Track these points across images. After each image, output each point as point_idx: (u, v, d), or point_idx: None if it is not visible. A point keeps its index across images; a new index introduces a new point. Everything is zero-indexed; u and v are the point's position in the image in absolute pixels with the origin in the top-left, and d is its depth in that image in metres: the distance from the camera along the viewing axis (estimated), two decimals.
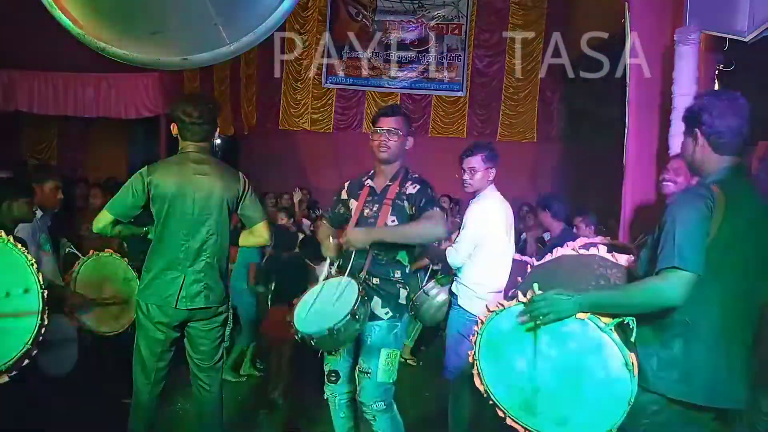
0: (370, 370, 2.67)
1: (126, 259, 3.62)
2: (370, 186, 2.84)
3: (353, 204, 2.88)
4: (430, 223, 2.60)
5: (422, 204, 2.64)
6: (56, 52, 5.78)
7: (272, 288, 4.85)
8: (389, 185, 2.77)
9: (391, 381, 2.71)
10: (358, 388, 2.74)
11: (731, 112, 1.88)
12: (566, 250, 2.19)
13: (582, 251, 2.15)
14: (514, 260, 3.39)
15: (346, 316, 2.42)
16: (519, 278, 2.26)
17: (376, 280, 2.72)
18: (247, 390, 4.63)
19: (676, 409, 1.85)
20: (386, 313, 2.70)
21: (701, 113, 1.91)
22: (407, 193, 2.70)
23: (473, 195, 3.30)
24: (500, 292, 3.23)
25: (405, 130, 2.80)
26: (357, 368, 2.75)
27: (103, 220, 2.81)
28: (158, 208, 2.81)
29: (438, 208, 2.64)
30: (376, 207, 2.75)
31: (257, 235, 2.99)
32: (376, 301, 2.69)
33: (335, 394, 2.86)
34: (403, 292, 2.74)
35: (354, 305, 2.45)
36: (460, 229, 3.28)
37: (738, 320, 1.86)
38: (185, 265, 2.79)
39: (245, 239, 3.08)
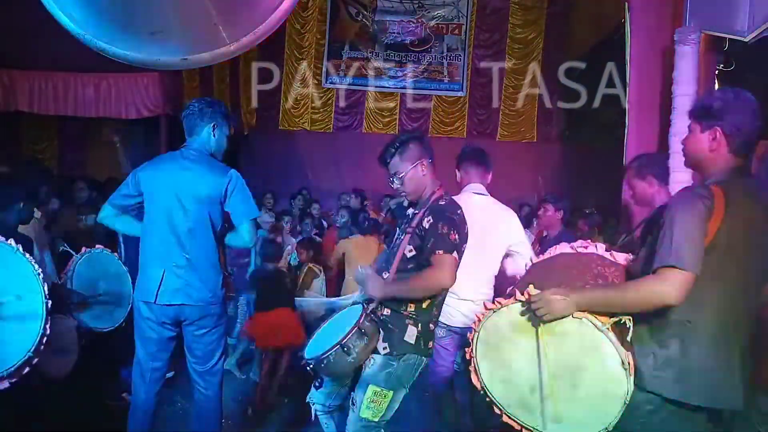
0: (354, 402, 2.51)
1: (117, 254, 3.68)
2: (408, 212, 2.70)
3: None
4: (433, 273, 2.39)
5: (430, 246, 2.41)
6: (56, 52, 5.77)
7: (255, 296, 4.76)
8: (416, 213, 2.59)
9: (376, 420, 2.48)
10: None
11: (752, 112, 1.85)
12: (564, 248, 2.19)
13: (580, 250, 2.15)
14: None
15: (335, 348, 2.37)
16: (517, 276, 2.26)
17: (387, 311, 2.52)
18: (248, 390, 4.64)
19: (672, 408, 1.84)
20: (384, 348, 2.48)
21: (724, 111, 1.85)
22: (423, 226, 2.48)
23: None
24: (474, 300, 3.09)
25: (409, 164, 2.55)
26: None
27: (104, 210, 2.91)
28: (145, 202, 2.84)
29: (442, 251, 2.37)
30: (403, 234, 2.59)
31: (238, 235, 2.87)
32: (380, 334, 2.50)
33: (312, 401, 2.72)
34: (412, 330, 2.48)
35: (344, 338, 2.37)
36: None
37: (736, 321, 1.86)
38: (165, 260, 2.78)
39: (229, 239, 2.97)
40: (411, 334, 2.48)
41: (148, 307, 2.80)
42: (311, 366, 2.45)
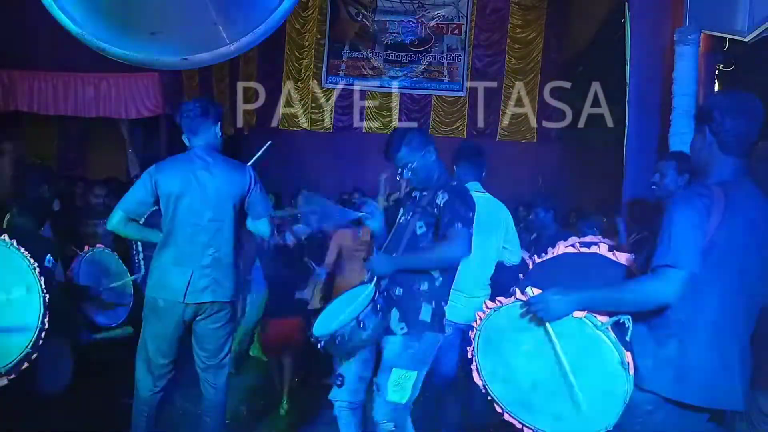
0: (380, 387, 2.54)
1: (116, 253, 3.77)
2: (414, 194, 2.75)
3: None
4: (448, 245, 2.45)
5: (446, 221, 2.47)
6: (56, 52, 5.78)
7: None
8: (425, 194, 2.63)
9: (404, 402, 2.51)
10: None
11: (743, 112, 1.86)
12: (567, 247, 2.19)
13: (583, 249, 2.15)
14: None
15: (350, 322, 2.35)
16: (521, 275, 2.27)
17: (399, 290, 2.55)
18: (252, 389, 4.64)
19: (671, 408, 1.84)
20: (401, 329, 2.51)
21: (712, 111, 1.89)
22: (437, 203, 2.54)
23: None
24: (475, 297, 3.13)
25: (418, 153, 2.59)
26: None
27: (114, 217, 2.86)
28: (165, 204, 2.85)
29: (460, 224, 2.44)
30: (411, 214, 2.63)
31: (260, 229, 2.99)
32: (394, 314, 2.52)
33: (336, 398, 2.73)
34: (427, 308, 2.52)
35: (360, 312, 2.36)
36: None
37: (735, 321, 1.85)
38: (193, 260, 2.82)
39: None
40: (426, 312, 2.52)
41: (170, 305, 2.81)
42: (322, 343, 2.43)
